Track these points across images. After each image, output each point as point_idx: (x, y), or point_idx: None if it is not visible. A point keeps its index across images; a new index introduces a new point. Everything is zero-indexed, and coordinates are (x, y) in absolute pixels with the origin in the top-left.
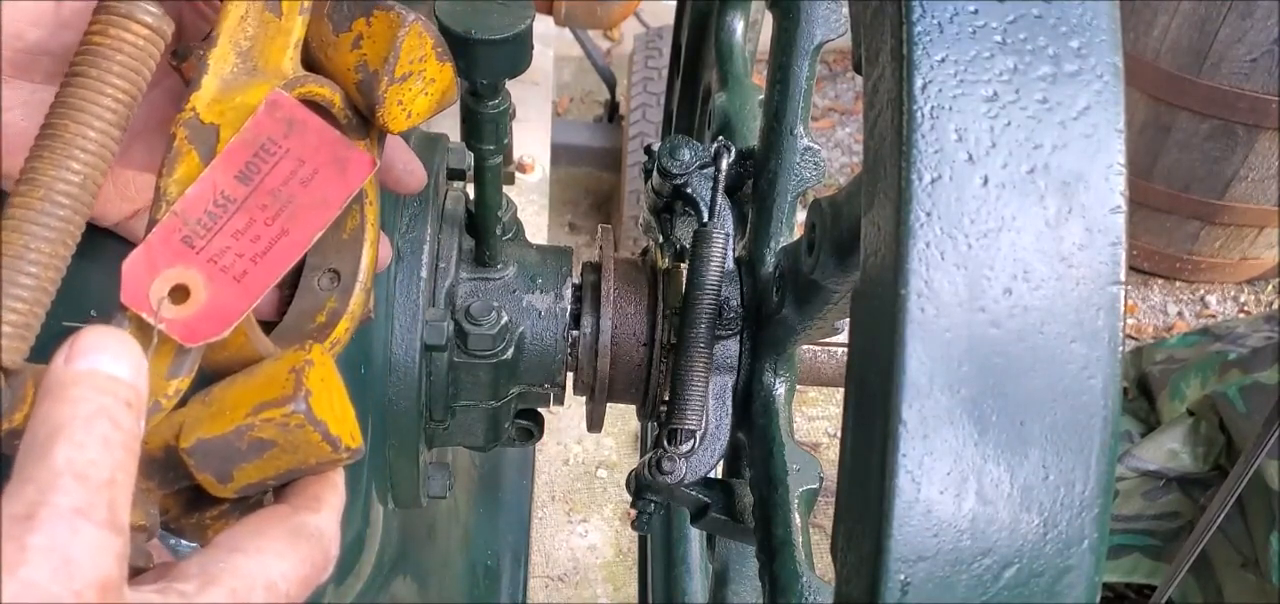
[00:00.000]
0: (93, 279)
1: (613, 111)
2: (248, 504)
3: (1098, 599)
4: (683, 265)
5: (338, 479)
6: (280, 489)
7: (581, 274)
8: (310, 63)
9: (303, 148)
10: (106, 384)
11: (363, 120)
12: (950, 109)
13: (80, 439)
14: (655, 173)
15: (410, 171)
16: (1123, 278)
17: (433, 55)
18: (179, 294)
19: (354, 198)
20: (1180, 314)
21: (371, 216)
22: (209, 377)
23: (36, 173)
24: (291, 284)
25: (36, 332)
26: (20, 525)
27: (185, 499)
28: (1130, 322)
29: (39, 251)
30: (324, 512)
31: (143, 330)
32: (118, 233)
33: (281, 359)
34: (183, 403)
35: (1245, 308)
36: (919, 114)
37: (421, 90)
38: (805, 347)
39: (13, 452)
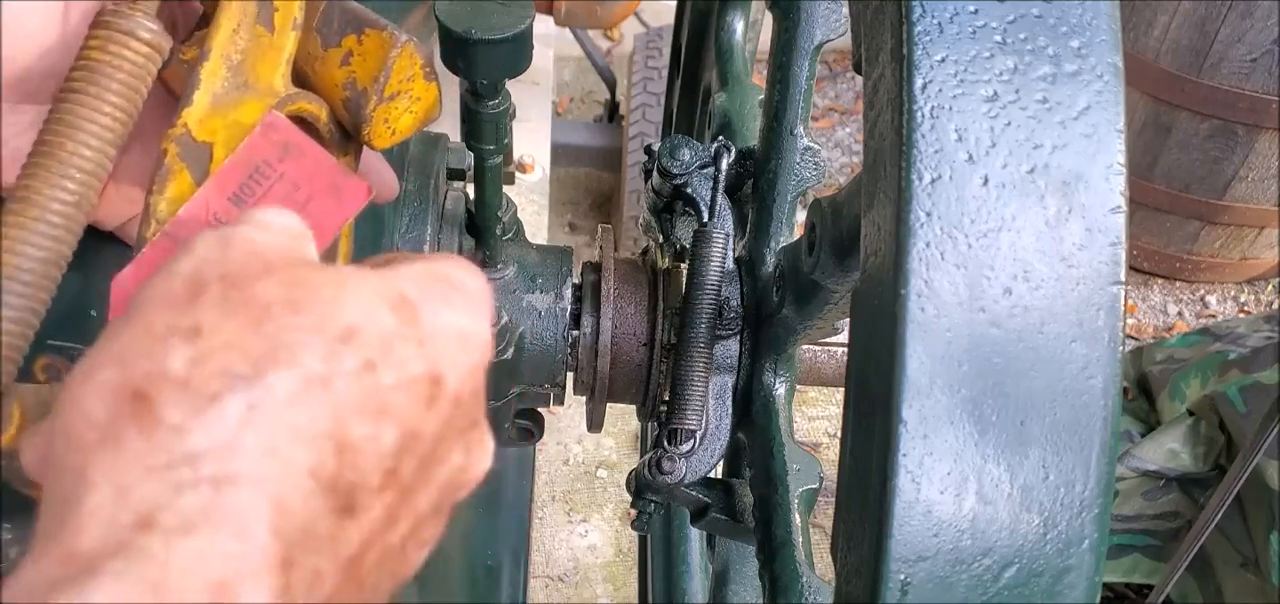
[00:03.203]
0: (94, 284)
1: (613, 111)
2: None
3: (1098, 599)
4: (683, 265)
5: None
6: None
7: (581, 274)
8: (295, 74)
9: (298, 173)
10: None
11: (345, 134)
12: (950, 109)
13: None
14: (655, 173)
15: (385, 183)
16: (1123, 278)
17: (420, 75)
18: None
19: None
20: (1180, 314)
21: (345, 230)
22: None
23: (31, 190)
24: None
25: (25, 353)
26: None
27: None
28: (1130, 321)
29: (32, 272)
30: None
31: None
32: (118, 237)
33: None
34: None
35: (1245, 308)
36: (919, 114)
37: (407, 109)
38: (805, 347)
39: (5, 472)
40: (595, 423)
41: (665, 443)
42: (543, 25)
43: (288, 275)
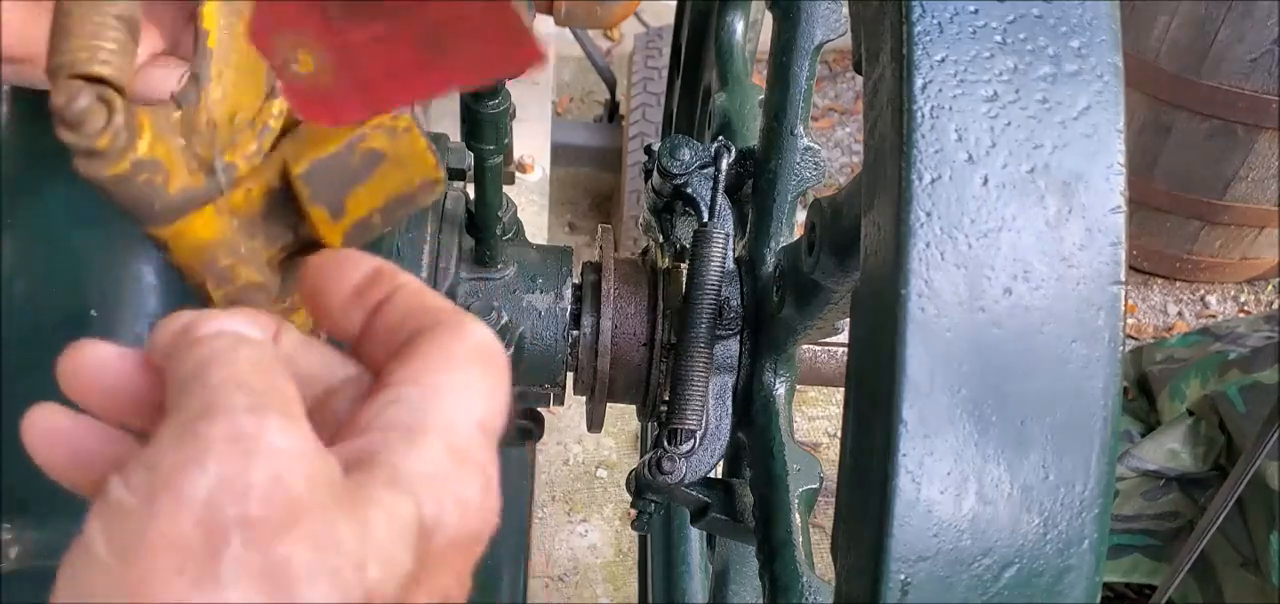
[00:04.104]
0: (94, 284)
1: (613, 111)
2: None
3: (1098, 599)
4: (683, 265)
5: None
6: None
7: (581, 274)
8: None
9: None
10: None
11: None
12: (950, 109)
13: (228, 359)
14: (655, 173)
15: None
16: (1123, 278)
17: None
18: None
19: None
20: (1180, 314)
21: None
22: None
23: None
24: None
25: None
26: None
27: (281, 268)
28: (1130, 321)
29: None
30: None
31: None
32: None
33: None
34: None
35: (1245, 308)
36: (919, 114)
37: None
38: (805, 347)
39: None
40: (595, 423)
41: (665, 443)
42: (543, 25)
43: (313, 527)
